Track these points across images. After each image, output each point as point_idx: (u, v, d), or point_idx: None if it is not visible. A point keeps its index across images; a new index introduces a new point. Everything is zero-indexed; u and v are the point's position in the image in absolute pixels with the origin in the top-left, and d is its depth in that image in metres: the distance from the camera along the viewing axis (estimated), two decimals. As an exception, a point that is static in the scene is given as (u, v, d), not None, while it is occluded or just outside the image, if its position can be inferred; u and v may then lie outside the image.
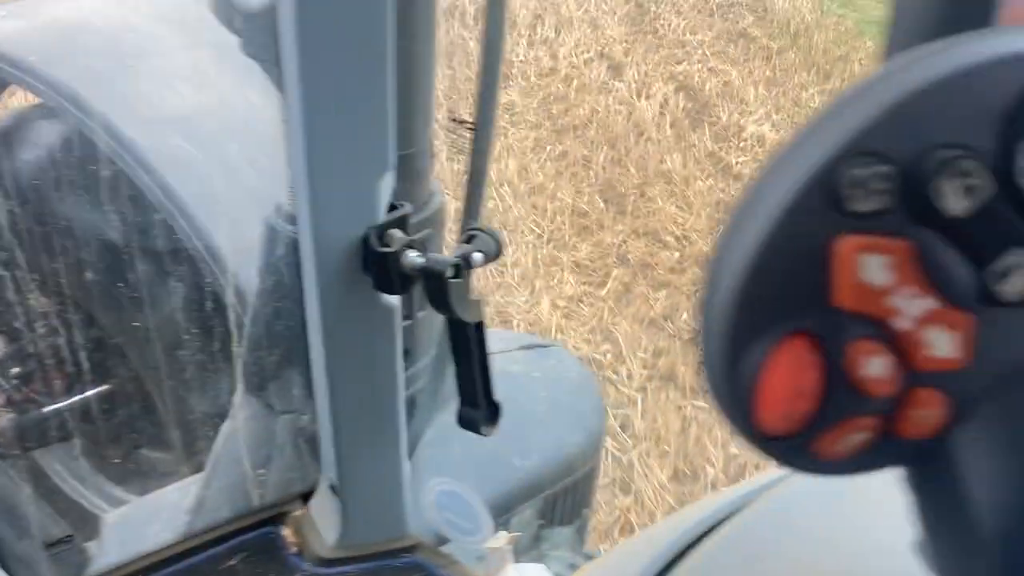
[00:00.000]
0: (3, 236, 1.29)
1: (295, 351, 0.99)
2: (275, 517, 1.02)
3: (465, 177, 0.99)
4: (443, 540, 1.10)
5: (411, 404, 1.09)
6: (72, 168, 1.42)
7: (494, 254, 0.81)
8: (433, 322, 1.10)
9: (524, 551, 1.19)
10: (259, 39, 0.77)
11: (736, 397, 0.22)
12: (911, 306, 0.21)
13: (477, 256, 0.79)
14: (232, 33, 0.82)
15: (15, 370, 1.40)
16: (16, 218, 1.33)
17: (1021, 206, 0.21)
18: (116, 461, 1.45)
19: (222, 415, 1.15)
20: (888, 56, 0.26)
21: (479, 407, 0.84)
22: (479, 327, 0.81)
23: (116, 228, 1.38)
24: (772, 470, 0.56)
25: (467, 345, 0.81)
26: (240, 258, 1.21)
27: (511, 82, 3.78)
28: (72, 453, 1.49)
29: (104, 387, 1.41)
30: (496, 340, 1.55)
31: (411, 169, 0.98)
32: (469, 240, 0.80)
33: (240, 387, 1.08)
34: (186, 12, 1.64)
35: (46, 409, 1.43)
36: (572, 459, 1.33)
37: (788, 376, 0.21)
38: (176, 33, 1.53)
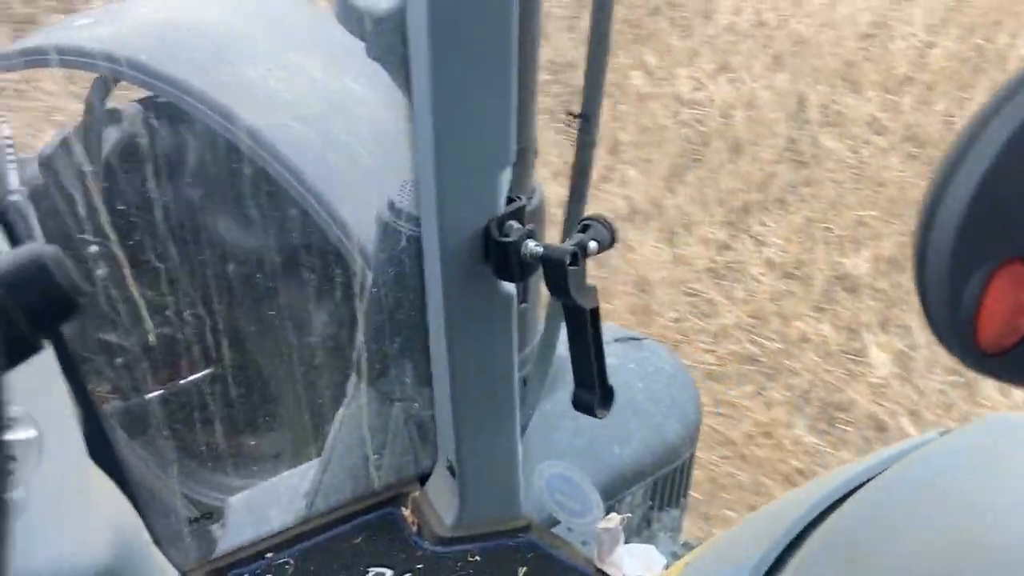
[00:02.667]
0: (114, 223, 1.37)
1: (410, 341, 1.04)
2: (394, 498, 1.07)
3: (572, 169, 1.02)
4: (552, 521, 1.14)
5: (521, 388, 1.13)
6: (196, 157, 1.51)
7: (608, 242, 0.84)
8: (537, 309, 1.14)
9: (633, 533, 1.22)
10: (386, 42, 0.81)
11: (957, 321, 0.25)
12: None
13: (593, 244, 0.83)
14: (357, 38, 0.86)
15: (139, 358, 1.48)
16: (134, 204, 1.41)
17: None
18: (238, 446, 1.53)
19: (337, 403, 1.21)
20: None
21: (594, 390, 0.88)
22: (594, 313, 0.85)
23: (243, 213, 1.46)
24: (895, 443, 0.58)
25: (583, 330, 0.85)
26: (367, 240, 1.27)
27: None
28: (186, 439, 1.57)
29: (227, 374, 1.48)
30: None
31: (520, 163, 1.02)
32: (584, 229, 0.84)
33: (355, 376, 1.13)
34: (269, 10, 1.72)
35: (152, 395, 1.52)
36: (671, 448, 1.35)
37: (1007, 297, 0.25)
38: (265, 29, 1.62)
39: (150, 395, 1.53)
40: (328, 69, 1.50)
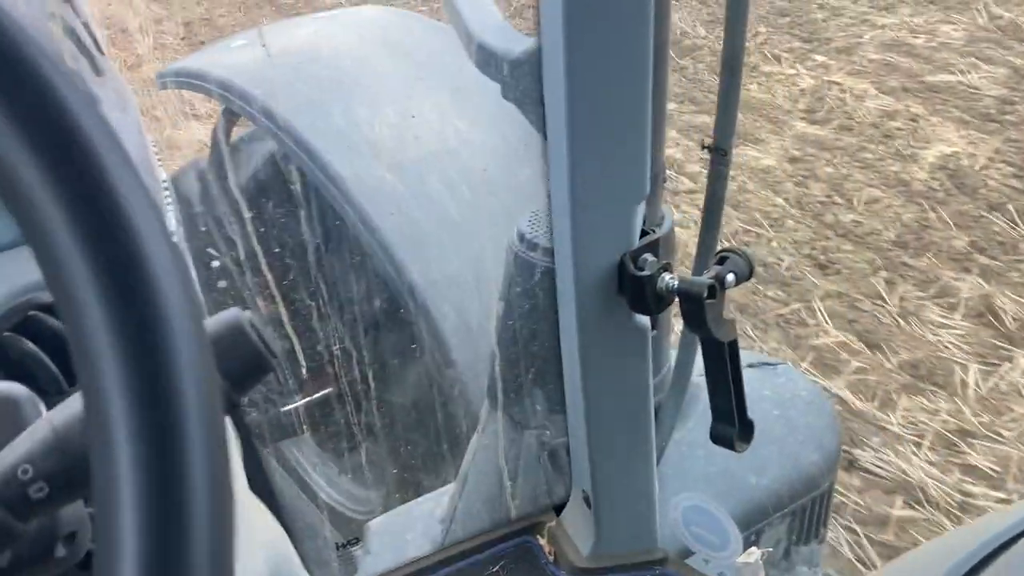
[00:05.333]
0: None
1: (543, 370, 1.05)
2: (530, 527, 1.09)
3: (705, 200, 1.02)
4: (685, 552, 1.13)
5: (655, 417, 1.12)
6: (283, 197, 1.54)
7: (746, 275, 0.83)
8: (667, 338, 1.14)
9: (771, 567, 1.19)
10: (522, 85, 0.83)
11: None
12: None
13: (730, 277, 0.82)
14: (494, 80, 0.89)
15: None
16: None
17: None
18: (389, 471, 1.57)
19: (469, 430, 1.24)
20: None
21: (733, 423, 0.87)
22: (732, 345, 0.84)
23: (336, 256, 1.49)
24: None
25: (721, 363, 0.84)
26: (436, 291, 1.28)
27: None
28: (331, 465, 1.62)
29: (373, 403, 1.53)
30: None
31: (650, 190, 1.02)
32: (721, 262, 0.83)
33: (487, 403, 1.15)
34: (406, 39, 1.75)
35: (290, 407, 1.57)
36: (809, 478, 1.32)
37: None
38: (397, 62, 1.64)
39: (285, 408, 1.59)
40: (446, 106, 1.51)
